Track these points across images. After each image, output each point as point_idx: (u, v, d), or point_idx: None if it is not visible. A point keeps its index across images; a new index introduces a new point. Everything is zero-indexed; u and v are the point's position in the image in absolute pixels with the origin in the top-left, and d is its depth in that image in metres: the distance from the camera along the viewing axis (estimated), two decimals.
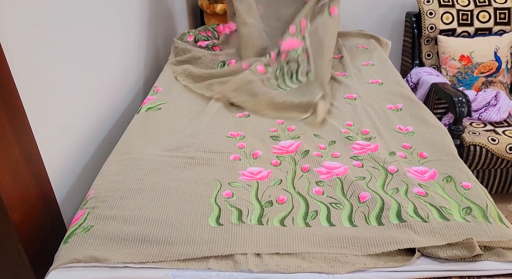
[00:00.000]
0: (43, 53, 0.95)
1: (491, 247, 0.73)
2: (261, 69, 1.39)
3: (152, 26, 1.76)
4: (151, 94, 1.33)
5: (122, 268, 0.73)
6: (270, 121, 1.21)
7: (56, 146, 1.00)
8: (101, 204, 0.86)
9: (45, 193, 0.91)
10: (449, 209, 0.81)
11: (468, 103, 1.84)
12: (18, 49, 0.85)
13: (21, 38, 0.86)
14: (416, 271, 0.70)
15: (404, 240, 0.73)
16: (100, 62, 1.25)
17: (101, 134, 1.24)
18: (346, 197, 0.87)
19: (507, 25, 2.22)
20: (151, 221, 0.81)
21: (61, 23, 1.03)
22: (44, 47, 0.95)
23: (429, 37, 2.26)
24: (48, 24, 0.97)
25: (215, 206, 0.85)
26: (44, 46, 0.95)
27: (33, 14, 0.91)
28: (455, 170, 0.93)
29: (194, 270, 0.72)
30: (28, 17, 0.89)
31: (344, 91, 1.34)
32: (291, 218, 0.82)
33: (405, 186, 0.88)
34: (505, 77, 2.20)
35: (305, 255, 0.73)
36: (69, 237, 0.79)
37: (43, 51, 0.95)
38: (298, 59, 1.44)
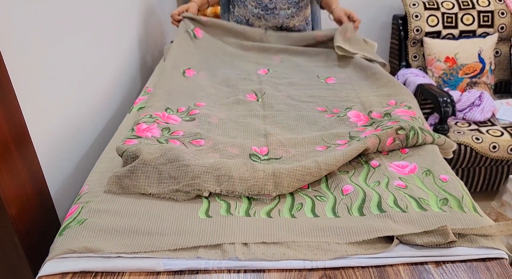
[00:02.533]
0: (39, 49, 0.98)
1: (465, 234, 0.77)
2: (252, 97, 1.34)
3: (145, 29, 1.80)
4: (143, 94, 1.36)
5: (115, 258, 0.76)
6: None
7: (51, 144, 1.03)
8: (95, 198, 0.89)
9: (40, 189, 0.94)
10: (427, 200, 0.85)
11: (452, 103, 1.90)
12: (15, 48, 0.88)
13: (18, 37, 0.89)
14: (395, 258, 0.74)
15: (384, 228, 0.78)
16: (95, 62, 1.29)
17: (94, 133, 1.27)
18: (330, 190, 0.91)
19: (491, 27, 2.29)
20: (143, 214, 0.84)
21: (56, 24, 1.06)
22: (40, 44, 0.98)
23: (415, 39, 2.32)
24: (42, 26, 1.00)
25: (205, 200, 0.89)
26: (40, 43, 0.98)
27: (28, 16, 0.94)
28: (434, 164, 0.97)
29: (184, 259, 0.75)
30: (23, 23, 0.92)
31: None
32: (278, 210, 0.86)
33: (386, 179, 0.93)
34: (488, 78, 2.26)
35: (290, 243, 0.77)
36: (64, 230, 0.82)
37: (38, 47, 0.98)
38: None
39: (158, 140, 1.04)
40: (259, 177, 0.88)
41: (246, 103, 1.29)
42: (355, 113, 1.20)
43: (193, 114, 1.22)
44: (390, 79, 1.39)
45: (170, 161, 0.92)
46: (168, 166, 0.91)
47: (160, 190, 0.90)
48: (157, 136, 1.06)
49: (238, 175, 0.89)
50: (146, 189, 0.90)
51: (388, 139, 1.01)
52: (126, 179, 0.91)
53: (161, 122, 1.13)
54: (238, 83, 1.43)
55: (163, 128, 1.11)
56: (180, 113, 1.23)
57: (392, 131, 1.02)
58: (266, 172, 0.89)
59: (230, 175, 0.89)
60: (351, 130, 1.11)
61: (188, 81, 1.42)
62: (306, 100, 1.31)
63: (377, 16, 2.58)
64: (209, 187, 0.88)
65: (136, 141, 1.01)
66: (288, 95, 1.34)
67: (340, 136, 1.08)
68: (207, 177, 0.88)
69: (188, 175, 0.89)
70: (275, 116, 1.21)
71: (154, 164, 0.92)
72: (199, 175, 0.88)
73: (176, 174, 0.90)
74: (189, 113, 1.23)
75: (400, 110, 1.17)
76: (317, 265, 0.74)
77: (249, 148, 1.06)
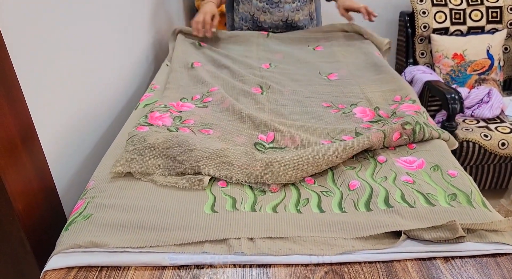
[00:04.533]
0: (45, 47, 0.98)
1: (474, 230, 0.76)
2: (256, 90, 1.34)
3: (150, 26, 1.80)
4: (149, 91, 1.36)
5: (121, 252, 0.76)
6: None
7: (58, 141, 1.04)
8: (101, 194, 0.89)
9: (46, 184, 0.94)
10: (435, 196, 0.84)
11: (460, 100, 1.87)
12: (21, 47, 0.88)
13: (25, 35, 0.90)
14: (402, 253, 0.73)
15: (391, 223, 0.77)
16: (100, 60, 1.29)
17: (100, 130, 1.28)
18: (337, 186, 0.90)
19: (499, 23, 2.26)
20: (148, 209, 0.84)
21: (62, 22, 1.06)
22: (46, 42, 0.99)
23: (423, 36, 2.30)
24: (49, 24, 1.00)
25: (210, 195, 0.88)
26: (46, 41, 0.99)
27: (35, 13, 0.94)
28: (442, 159, 0.96)
29: (190, 253, 0.75)
30: (30, 19, 0.93)
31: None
32: (283, 206, 0.85)
33: (394, 175, 0.91)
34: (497, 75, 2.23)
35: (296, 238, 0.77)
36: (70, 225, 0.82)
37: (45, 45, 0.98)
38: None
39: (168, 128, 1.08)
40: (257, 166, 0.91)
41: (251, 95, 1.29)
42: (361, 109, 1.19)
43: (207, 102, 1.25)
44: (393, 75, 1.38)
45: (176, 145, 0.97)
46: (174, 150, 0.96)
47: (166, 172, 0.94)
48: (168, 125, 1.10)
49: (238, 164, 0.92)
50: (154, 170, 0.94)
51: (394, 134, 1.00)
52: (134, 161, 0.95)
53: (174, 111, 1.17)
54: (243, 75, 1.43)
55: (175, 117, 1.15)
56: (194, 100, 1.27)
57: (397, 126, 1.01)
58: (263, 161, 0.91)
59: (230, 163, 0.92)
60: (357, 126, 1.10)
61: (197, 71, 1.44)
62: (310, 96, 1.31)
63: (383, 13, 2.57)
64: (209, 170, 0.92)
65: (147, 129, 1.05)
66: (293, 91, 1.33)
67: (346, 132, 1.08)
68: (208, 162, 0.93)
69: (191, 158, 0.94)
70: (280, 111, 1.21)
71: (161, 148, 0.97)
72: (201, 159, 0.93)
73: (181, 158, 0.95)
74: (203, 100, 1.26)
75: (405, 106, 1.16)
76: (324, 260, 0.73)
77: (255, 137, 1.08)
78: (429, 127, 1.04)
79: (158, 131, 1.03)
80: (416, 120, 1.03)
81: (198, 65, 1.48)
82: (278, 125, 1.09)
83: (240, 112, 1.16)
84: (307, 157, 0.91)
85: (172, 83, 1.35)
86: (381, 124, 1.10)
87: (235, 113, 1.16)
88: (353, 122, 1.14)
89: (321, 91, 1.33)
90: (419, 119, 1.04)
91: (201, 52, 1.64)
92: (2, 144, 0.79)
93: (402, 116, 1.07)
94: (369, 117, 1.16)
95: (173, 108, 1.18)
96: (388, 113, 1.16)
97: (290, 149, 1.02)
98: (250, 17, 1.88)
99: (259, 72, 1.46)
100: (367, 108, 1.20)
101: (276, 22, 1.86)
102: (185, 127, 1.10)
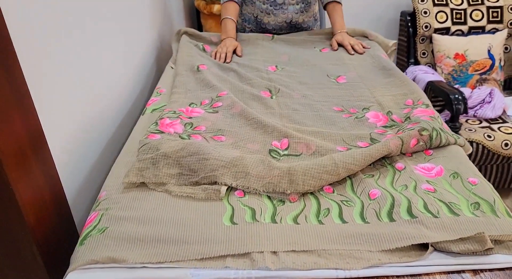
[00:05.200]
0: (53, 53, 0.95)
1: (501, 241, 0.75)
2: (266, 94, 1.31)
3: (151, 27, 1.77)
4: (155, 95, 1.33)
5: (140, 268, 0.74)
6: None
7: (66, 149, 1.00)
8: (114, 205, 0.87)
9: (57, 195, 0.91)
10: (458, 205, 0.83)
11: (464, 101, 1.87)
12: (30, 52, 0.85)
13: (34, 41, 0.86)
14: (430, 266, 0.72)
15: (417, 235, 0.75)
16: (104, 63, 1.26)
17: (106, 136, 1.24)
18: (357, 195, 0.89)
19: (500, 23, 2.26)
20: (165, 221, 0.82)
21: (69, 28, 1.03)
22: (54, 48, 0.95)
23: (424, 36, 2.29)
24: (54, 29, 0.97)
25: (228, 206, 0.86)
26: (54, 47, 0.95)
27: (42, 19, 0.91)
28: (461, 166, 0.95)
29: (212, 269, 0.73)
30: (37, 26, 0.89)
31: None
32: (304, 216, 0.84)
33: (414, 183, 0.90)
34: (498, 75, 2.24)
35: (321, 252, 0.75)
36: (85, 239, 0.79)
37: (53, 51, 0.95)
38: None
39: (180, 136, 1.06)
40: (274, 175, 0.89)
41: (261, 99, 1.27)
42: (374, 114, 1.18)
43: (217, 107, 1.22)
44: (403, 78, 1.36)
45: (190, 154, 0.94)
46: (188, 159, 0.94)
47: (180, 182, 0.92)
48: (179, 132, 1.08)
49: (255, 173, 0.90)
50: (168, 179, 0.92)
51: (411, 141, 0.99)
52: (147, 170, 0.93)
53: (184, 118, 1.14)
54: (250, 78, 1.40)
55: (186, 124, 1.12)
56: (204, 105, 1.24)
57: (415, 132, 0.99)
58: (281, 170, 0.89)
59: (247, 172, 0.90)
60: (372, 132, 1.08)
61: (204, 74, 1.41)
62: (320, 99, 1.29)
63: (384, 13, 2.56)
64: (225, 180, 0.89)
65: (159, 137, 1.03)
66: (302, 94, 1.31)
67: (361, 138, 1.06)
68: (224, 171, 0.90)
69: (206, 168, 0.91)
70: (292, 116, 1.18)
71: (175, 157, 0.94)
72: (217, 168, 0.90)
73: (195, 167, 0.92)
74: (212, 105, 1.23)
75: (419, 110, 1.15)
76: (351, 274, 0.71)
77: (269, 144, 1.05)
78: (445, 133, 1.02)
79: (170, 139, 1.01)
80: (433, 126, 1.01)
81: (204, 68, 1.45)
82: (292, 131, 1.07)
83: (252, 118, 1.13)
84: (325, 165, 0.89)
85: (179, 87, 1.32)
86: (395, 129, 1.08)
87: (247, 118, 1.14)
88: (366, 127, 1.12)
89: (331, 95, 1.31)
90: (435, 125, 1.03)
91: (206, 55, 1.61)
92: (12, 154, 0.76)
93: (417, 121, 1.06)
94: (383, 122, 1.14)
95: (183, 114, 1.15)
96: (401, 117, 1.15)
97: (306, 156, 1.00)
98: (253, 19, 1.85)
99: (266, 75, 1.44)
100: (380, 113, 1.18)
101: (280, 24, 1.84)
102: (197, 134, 1.07)
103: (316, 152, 1.00)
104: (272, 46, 1.71)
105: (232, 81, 1.37)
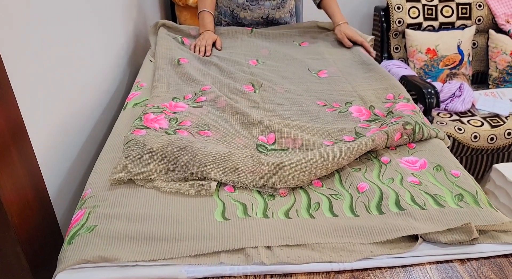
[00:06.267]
0: (34, 48, 0.91)
1: (485, 231, 0.78)
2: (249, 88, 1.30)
3: (124, 20, 1.72)
4: (136, 89, 1.30)
5: (132, 267, 0.72)
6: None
7: (48, 145, 0.97)
8: (102, 202, 0.84)
9: (40, 192, 0.88)
10: (443, 197, 0.86)
11: (437, 95, 1.93)
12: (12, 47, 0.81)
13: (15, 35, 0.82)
14: (421, 256, 0.74)
15: (407, 227, 0.77)
16: (83, 57, 1.21)
17: (85, 132, 1.21)
18: (345, 188, 0.90)
19: (469, 19, 2.34)
20: (156, 218, 0.80)
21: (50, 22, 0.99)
22: (35, 43, 0.91)
23: (397, 31, 2.34)
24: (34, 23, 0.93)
25: (219, 201, 0.86)
26: (35, 42, 0.91)
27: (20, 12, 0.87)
28: (443, 159, 0.98)
29: (207, 265, 0.72)
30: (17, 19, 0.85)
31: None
32: (295, 210, 0.84)
33: (400, 176, 0.92)
34: (467, 69, 2.32)
35: (314, 245, 0.76)
36: (73, 238, 0.77)
37: (34, 46, 0.91)
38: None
39: (166, 131, 1.04)
40: (264, 170, 0.89)
41: (244, 93, 1.26)
42: (357, 108, 1.20)
43: (200, 102, 1.20)
44: (383, 73, 1.39)
45: (178, 150, 0.93)
46: (176, 154, 0.92)
47: (169, 178, 0.91)
48: (165, 127, 1.06)
49: (245, 168, 0.90)
50: (156, 176, 0.90)
51: (396, 135, 1.01)
52: (134, 167, 0.91)
53: (168, 112, 1.12)
54: (232, 72, 1.39)
55: (171, 118, 1.10)
56: (187, 100, 1.22)
57: (399, 126, 1.02)
58: (271, 165, 0.89)
59: (237, 167, 0.90)
60: (356, 126, 1.10)
61: (186, 68, 1.38)
62: (303, 94, 1.29)
63: (358, 7, 2.59)
64: (215, 175, 0.89)
65: (145, 132, 1.00)
66: (285, 89, 1.31)
67: (346, 132, 1.07)
68: (213, 167, 0.90)
69: (195, 163, 0.90)
70: (276, 110, 1.18)
71: (162, 153, 0.93)
72: (206, 164, 0.90)
73: (184, 163, 0.91)
74: (196, 100, 1.21)
75: (401, 105, 1.18)
76: (344, 267, 0.72)
77: (256, 138, 1.05)
78: (427, 127, 1.05)
79: (156, 135, 0.99)
80: (415, 120, 1.04)
81: (185, 61, 1.43)
82: (278, 125, 1.07)
83: (238, 113, 1.13)
84: (315, 160, 0.90)
85: (160, 81, 1.30)
86: (378, 124, 1.11)
87: (232, 113, 1.13)
88: (351, 121, 1.14)
89: (313, 89, 1.32)
90: (417, 119, 1.05)
91: (185, 48, 1.58)
92: None
93: (400, 115, 1.08)
94: (366, 116, 1.16)
95: (166, 109, 1.13)
96: (384, 112, 1.17)
97: (293, 151, 1.00)
98: (229, 13, 1.83)
99: (248, 69, 1.43)
100: (362, 107, 1.20)
101: (256, 19, 1.83)
102: (183, 129, 1.05)
103: (303, 147, 1.01)
104: (251, 39, 1.70)
105: (214, 75, 1.36)
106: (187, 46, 1.61)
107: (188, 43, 1.63)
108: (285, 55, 1.58)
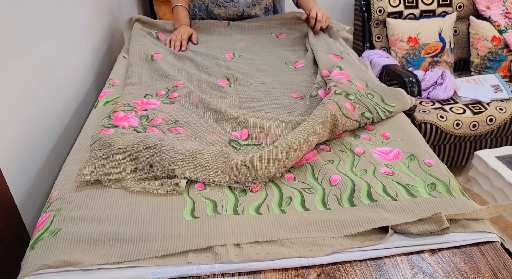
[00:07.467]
0: None
1: (456, 220, 0.77)
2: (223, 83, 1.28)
3: (99, 15, 1.68)
4: (108, 87, 1.27)
5: (97, 270, 0.70)
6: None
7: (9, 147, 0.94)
8: (67, 205, 0.82)
9: (3, 197, 0.85)
10: (415, 186, 0.85)
11: (418, 83, 1.92)
12: None
13: None
14: (391, 248, 0.73)
15: (377, 219, 0.76)
16: (53, 55, 1.18)
17: (56, 132, 1.18)
18: (318, 181, 0.89)
19: (449, 6, 2.33)
20: (123, 219, 0.78)
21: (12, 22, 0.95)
22: None
23: (378, 20, 2.32)
24: None
25: (189, 199, 0.84)
26: None
27: None
28: (417, 148, 0.97)
29: (174, 265, 0.71)
30: None
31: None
32: (266, 206, 0.83)
33: (373, 167, 0.91)
34: (449, 57, 2.31)
35: (284, 241, 0.74)
36: (36, 243, 0.74)
37: None
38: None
39: (135, 130, 1.01)
40: (232, 166, 0.88)
41: (219, 88, 1.24)
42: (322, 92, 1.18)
43: (173, 98, 1.18)
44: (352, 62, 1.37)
45: (146, 148, 0.91)
46: (145, 153, 0.90)
47: (138, 177, 0.89)
48: (134, 125, 1.03)
49: (215, 167, 0.89)
50: (124, 175, 0.88)
51: (346, 104, 1.03)
52: (101, 167, 0.89)
53: (139, 110, 1.10)
54: (207, 67, 1.36)
55: (141, 116, 1.07)
56: (160, 97, 1.19)
57: (342, 97, 1.05)
58: (238, 160, 0.88)
59: (207, 165, 0.89)
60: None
61: (159, 63, 1.35)
62: (279, 86, 1.27)
63: None
64: (185, 173, 0.87)
65: (113, 131, 0.98)
66: (261, 82, 1.29)
67: None
68: (183, 164, 0.88)
69: (165, 161, 0.89)
70: (251, 104, 1.16)
71: (130, 151, 0.91)
72: (176, 161, 0.88)
73: (153, 161, 0.89)
74: (169, 96, 1.19)
75: (336, 73, 1.20)
76: (314, 262, 0.71)
77: (229, 134, 1.03)
78: (381, 108, 1.10)
79: (125, 133, 0.96)
80: (372, 107, 1.08)
81: (159, 57, 1.40)
82: (252, 119, 1.05)
83: (211, 108, 1.10)
84: (279, 145, 0.89)
85: (132, 78, 1.27)
86: (325, 87, 1.15)
87: (205, 109, 1.11)
88: None
89: (289, 82, 1.30)
90: (348, 90, 1.09)
91: (160, 43, 1.55)
92: None
93: (338, 81, 1.11)
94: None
95: (137, 107, 1.10)
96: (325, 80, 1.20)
97: (266, 146, 0.99)
98: (204, 8, 1.80)
99: (223, 63, 1.40)
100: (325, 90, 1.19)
101: (231, 16, 1.79)
102: (153, 127, 1.03)
103: (277, 140, 0.99)
104: (228, 33, 1.67)
105: (189, 70, 1.33)
106: (162, 42, 1.58)
107: (164, 38, 1.60)
108: (262, 47, 1.55)
